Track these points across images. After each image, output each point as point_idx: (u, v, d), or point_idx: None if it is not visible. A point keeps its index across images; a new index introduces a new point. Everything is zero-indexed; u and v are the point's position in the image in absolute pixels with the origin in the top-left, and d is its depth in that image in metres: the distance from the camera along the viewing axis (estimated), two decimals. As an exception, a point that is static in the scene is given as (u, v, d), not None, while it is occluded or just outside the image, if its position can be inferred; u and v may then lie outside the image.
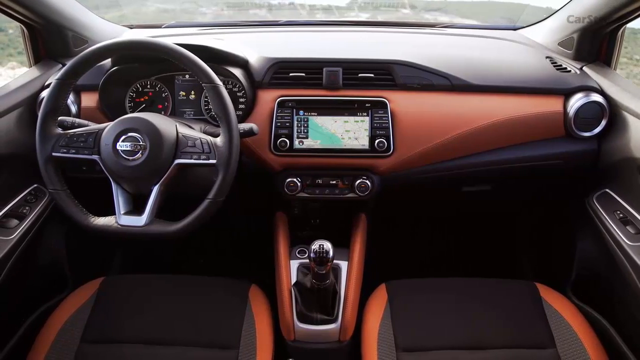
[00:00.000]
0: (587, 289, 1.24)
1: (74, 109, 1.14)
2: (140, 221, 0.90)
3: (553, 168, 1.18)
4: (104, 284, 1.10)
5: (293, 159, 1.13)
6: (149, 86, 1.18)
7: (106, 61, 1.14)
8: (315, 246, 0.94)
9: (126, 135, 0.90)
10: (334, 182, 1.16)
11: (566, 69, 1.20)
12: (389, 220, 1.68)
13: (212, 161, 0.90)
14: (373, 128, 1.11)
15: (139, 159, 0.89)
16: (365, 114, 1.11)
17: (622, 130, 1.09)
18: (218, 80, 0.92)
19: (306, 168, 1.15)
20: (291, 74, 1.14)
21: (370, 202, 1.23)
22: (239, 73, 1.13)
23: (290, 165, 1.15)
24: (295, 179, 1.14)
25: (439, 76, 1.14)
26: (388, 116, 1.10)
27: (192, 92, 1.19)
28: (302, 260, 1.16)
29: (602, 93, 1.13)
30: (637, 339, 1.02)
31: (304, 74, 1.14)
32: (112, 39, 0.95)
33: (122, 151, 0.89)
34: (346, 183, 1.16)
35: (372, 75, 1.13)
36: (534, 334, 0.99)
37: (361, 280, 1.14)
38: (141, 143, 0.89)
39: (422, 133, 1.12)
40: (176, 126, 0.94)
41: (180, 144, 0.91)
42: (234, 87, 1.14)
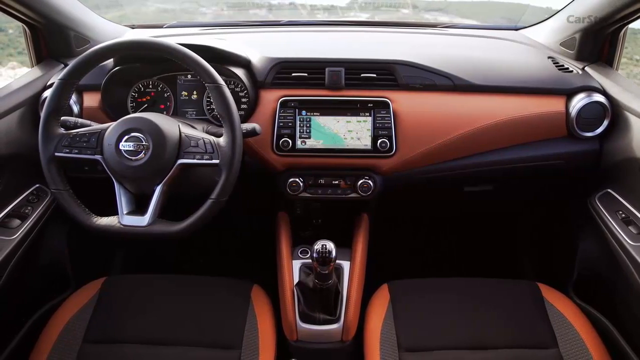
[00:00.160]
0: (588, 289, 1.24)
1: (76, 109, 1.14)
2: (143, 221, 0.90)
3: (555, 168, 1.18)
4: (106, 284, 1.10)
5: (295, 159, 1.13)
6: (151, 86, 1.18)
7: (108, 61, 1.13)
8: (318, 246, 0.94)
9: (129, 135, 0.90)
10: (336, 182, 1.16)
11: (568, 69, 1.20)
12: (391, 220, 1.68)
13: (215, 161, 0.90)
14: (375, 128, 1.11)
15: (141, 159, 0.89)
16: (368, 114, 1.11)
17: (624, 131, 1.09)
18: (221, 80, 0.92)
19: (309, 168, 1.15)
20: (294, 74, 1.14)
21: (372, 202, 1.23)
22: (241, 73, 1.13)
23: (292, 165, 1.15)
24: (297, 179, 1.14)
25: (442, 76, 1.14)
26: (390, 116, 1.10)
27: (194, 92, 1.19)
28: (304, 260, 1.16)
29: (604, 93, 1.13)
30: (639, 339, 1.03)
31: (306, 74, 1.14)
32: (114, 39, 0.95)
33: (124, 151, 0.89)
34: (348, 183, 1.15)
35: (375, 75, 1.13)
36: (536, 334, 0.99)
37: (363, 280, 1.13)
38: (144, 143, 0.89)
39: (424, 133, 1.12)
40: (179, 126, 0.94)
41: (183, 144, 0.91)
42: (236, 87, 1.14)
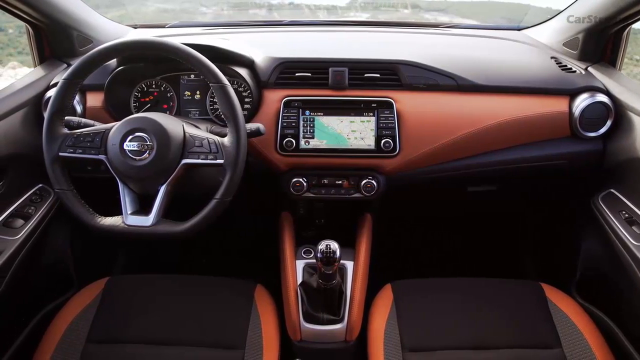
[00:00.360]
0: (591, 289, 1.24)
1: (79, 108, 1.14)
2: (147, 221, 0.90)
3: (558, 168, 1.18)
4: (109, 284, 1.10)
5: (299, 159, 1.13)
6: (154, 86, 1.18)
7: (111, 61, 1.13)
8: (322, 246, 0.94)
9: (133, 135, 0.90)
10: (339, 182, 1.16)
11: (571, 69, 1.21)
12: (394, 220, 1.68)
13: (220, 161, 0.90)
14: (379, 128, 1.10)
15: (146, 159, 0.89)
16: (372, 114, 1.11)
17: (627, 131, 1.09)
18: (226, 80, 0.92)
19: (312, 168, 1.15)
20: (297, 74, 1.14)
21: (375, 202, 1.23)
22: (245, 73, 1.13)
23: (296, 165, 1.15)
24: (301, 179, 1.14)
25: (445, 76, 1.14)
26: (394, 116, 1.10)
27: (198, 92, 1.19)
28: (307, 260, 1.16)
29: (608, 93, 1.13)
30: None
31: (309, 74, 1.13)
32: (117, 38, 0.95)
33: (129, 151, 0.89)
34: (352, 183, 1.16)
35: (378, 75, 1.13)
36: (540, 334, 0.99)
37: (367, 280, 1.13)
38: (148, 143, 0.89)
39: (428, 133, 1.12)
40: (183, 126, 0.94)
41: (187, 144, 0.91)
42: (239, 87, 1.14)
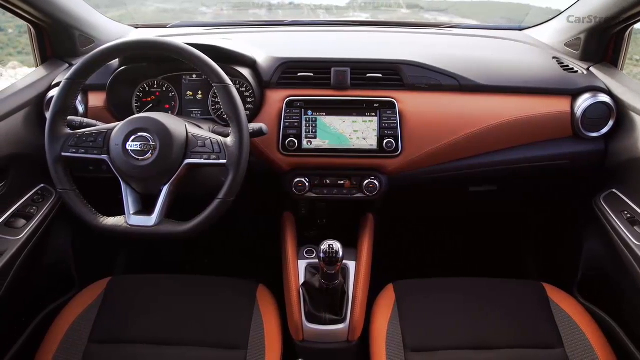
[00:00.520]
0: (593, 289, 1.24)
1: (81, 108, 1.14)
2: (150, 221, 0.90)
3: (560, 168, 1.18)
4: (111, 284, 1.10)
5: (301, 159, 1.13)
6: (156, 86, 1.18)
7: (113, 61, 1.13)
8: (325, 246, 0.94)
9: (136, 135, 0.90)
10: (342, 182, 1.16)
11: (573, 69, 1.21)
12: (395, 220, 1.68)
13: (223, 161, 0.89)
14: (381, 128, 1.10)
15: (148, 159, 0.89)
16: (374, 114, 1.11)
17: (629, 131, 1.09)
18: (229, 80, 0.92)
19: (314, 168, 1.15)
20: (299, 74, 1.14)
21: (377, 202, 1.23)
22: (247, 73, 1.13)
23: (298, 165, 1.15)
24: (303, 179, 1.14)
25: (447, 76, 1.14)
26: (396, 116, 1.10)
27: (199, 92, 1.19)
28: (310, 260, 1.16)
29: (610, 93, 1.13)
30: None
31: (312, 74, 1.13)
32: (119, 38, 0.95)
33: (132, 151, 0.89)
34: (354, 183, 1.16)
35: (380, 75, 1.13)
36: (542, 334, 0.99)
37: (369, 280, 1.13)
38: (151, 143, 0.89)
39: (430, 133, 1.12)
40: (186, 126, 0.94)
41: (190, 144, 0.91)
42: (241, 87, 1.14)
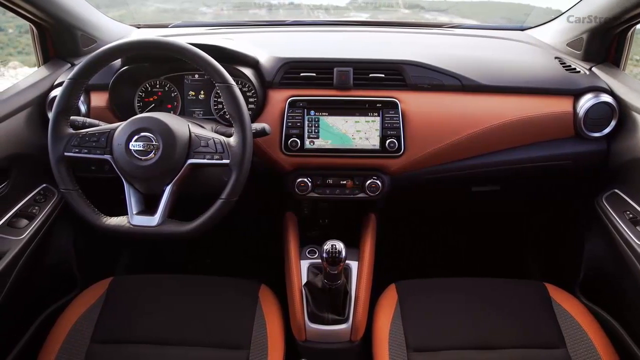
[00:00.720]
0: (595, 289, 1.24)
1: (83, 108, 1.14)
2: (152, 221, 0.90)
3: (562, 168, 1.18)
4: (113, 284, 1.10)
5: (304, 159, 1.13)
6: (158, 86, 1.18)
7: (115, 61, 1.13)
8: (328, 246, 0.94)
9: (139, 135, 0.89)
10: (344, 182, 1.16)
11: (575, 69, 1.21)
12: (397, 220, 1.68)
13: (226, 161, 0.89)
14: (384, 128, 1.11)
15: (151, 158, 0.89)
16: (376, 114, 1.11)
17: (631, 131, 1.09)
18: (232, 80, 0.91)
19: (317, 168, 1.15)
20: (302, 74, 1.14)
21: (379, 202, 1.23)
22: (249, 73, 1.13)
23: (301, 165, 1.15)
24: (305, 179, 1.14)
25: (449, 76, 1.14)
26: (399, 116, 1.10)
27: (202, 92, 1.18)
28: (312, 260, 1.16)
29: (612, 94, 1.13)
30: None
31: (314, 74, 1.13)
32: (121, 38, 0.94)
33: (134, 151, 0.89)
34: (356, 183, 1.15)
35: (383, 75, 1.13)
36: (544, 334, 0.99)
37: (371, 280, 1.13)
38: (154, 143, 0.89)
39: (432, 133, 1.12)
40: (189, 126, 0.93)
41: (193, 144, 0.91)
42: (244, 87, 1.14)
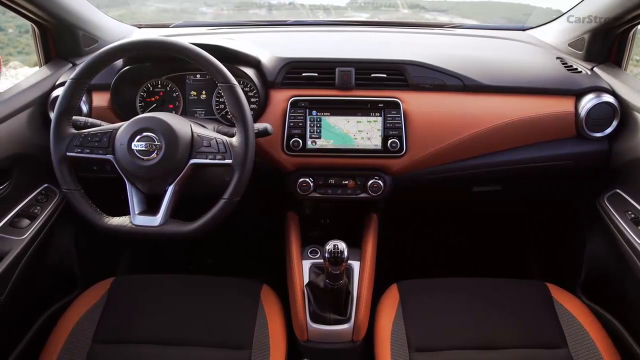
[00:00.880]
0: (597, 289, 1.24)
1: (85, 108, 1.14)
2: (155, 221, 0.90)
3: (564, 168, 1.18)
4: (115, 284, 1.10)
5: (306, 159, 1.13)
6: (159, 86, 1.18)
7: (117, 61, 1.13)
8: (330, 246, 0.94)
9: (141, 135, 0.89)
10: (346, 182, 1.16)
11: (577, 69, 1.21)
12: (399, 220, 1.68)
13: (228, 161, 0.89)
14: (386, 128, 1.11)
15: (154, 158, 0.89)
16: (378, 114, 1.11)
17: (633, 131, 1.09)
18: (234, 80, 0.91)
19: (319, 168, 1.15)
20: (304, 74, 1.14)
21: (381, 202, 1.23)
22: (251, 73, 1.13)
23: (303, 165, 1.15)
24: (307, 179, 1.14)
25: (451, 76, 1.14)
26: (401, 116, 1.10)
27: (203, 92, 1.18)
28: (314, 260, 1.16)
29: (613, 94, 1.13)
30: None
31: (316, 74, 1.13)
32: (122, 38, 0.94)
33: (137, 151, 0.89)
34: (358, 183, 1.15)
35: (385, 75, 1.13)
36: (546, 334, 1.00)
37: (373, 280, 1.13)
38: (156, 143, 0.89)
39: (434, 133, 1.12)
40: (191, 126, 0.93)
41: (195, 144, 0.91)
42: (245, 86, 1.13)
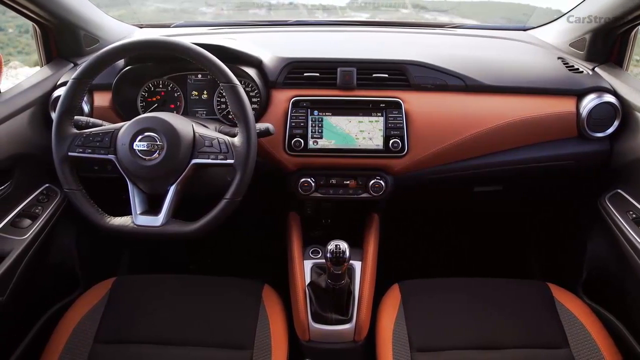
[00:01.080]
0: (598, 290, 1.24)
1: (86, 108, 1.14)
2: (156, 221, 0.90)
3: (565, 168, 1.18)
4: (116, 284, 1.10)
5: (307, 159, 1.13)
6: (161, 86, 1.18)
7: (119, 61, 1.13)
8: (332, 246, 0.94)
9: (143, 135, 0.89)
10: (347, 182, 1.16)
11: (578, 69, 1.21)
12: (400, 220, 1.68)
13: (230, 161, 0.89)
14: (387, 128, 1.11)
15: (155, 158, 0.89)
16: (380, 114, 1.11)
17: (634, 131, 1.09)
18: (236, 80, 0.91)
19: (320, 168, 1.15)
20: (305, 74, 1.14)
21: (382, 202, 1.23)
22: (253, 73, 1.13)
23: (304, 165, 1.15)
24: (309, 179, 1.14)
25: (453, 76, 1.14)
26: (402, 116, 1.10)
27: (205, 92, 1.18)
28: (315, 260, 1.16)
29: (615, 94, 1.13)
30: None
31: (318, 74, 1.13)
32: (123, 38, 0.94)
33: (139, 151, 0.89)
34: (360, 183, 1.16)
35: (386, 75, 1.13)
36: (547, 333, 1.00)
37: (375, 280, 1.13)
38: (158, 143, 0.89)
39: (436, 133, 1.12)
40: (193, 126, 0.93)
41: (197, 144, 0.91)
42: (247, 86, 1.13)
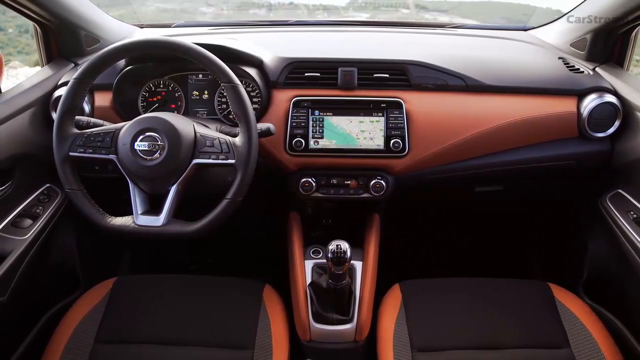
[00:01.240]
0: (599, 290, 1.24)
1: (87, 108, 1.14)
2: (157, 221, 0.90)
3: (566, 168, 1.18)
4: (117, 284, 1.10)
5: (308, 159, 1.13)
6: (162, 85, 1.18)
7: (120, 61, 1.13)
8: (333, 246, 0.94)
9: (144, 135, 0.89)
10: (348, 182, 1.16)
11: (579, 69, 1.21)
12: (400, 220, 1.68)
13: (231, 161, 0.89)
14: (388, 128, 1.11)
15: (157, 158, 0.89)
16: (381, 114, 1.11)
17: (635, 131, 1.09)
18: (237, 80, 0.91)
19: (321, 168, 1.15)
20: (306, 74, 1.14)
21: (383, 202, 1.23)
22: (254, 73, 1.13)
23: (305, 165, 1.15)
24: (310, 179, 1.14)
25: (454, 76, 1.14)
26: (403, 116, 1.10)
27: (205, 92, 1.18)
28: (316, 260, 1.16)
29: (616, 94, 1.13)
30: None
31: (319, 74, 1.13)
32: (124, 38, 0.94)
33: (140, 151, 0.89)
34: (361, 183, 1.16)
35: (387, 75, 1.13)
36: (548, 333, 1.00)
37: (376, 280, 1.13)
38: (159, 143, 0.89)
39: (437, 133, 1.12)
40: (194, 126, 0.93)
41: (198, 144, 0.91)
42: (248, 86, 1.13)
